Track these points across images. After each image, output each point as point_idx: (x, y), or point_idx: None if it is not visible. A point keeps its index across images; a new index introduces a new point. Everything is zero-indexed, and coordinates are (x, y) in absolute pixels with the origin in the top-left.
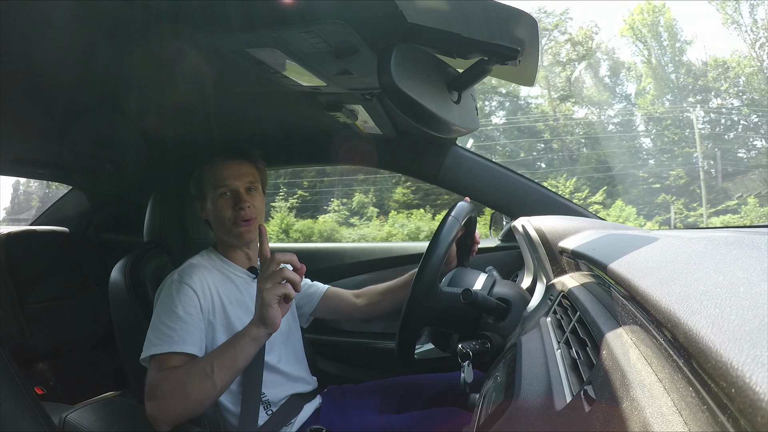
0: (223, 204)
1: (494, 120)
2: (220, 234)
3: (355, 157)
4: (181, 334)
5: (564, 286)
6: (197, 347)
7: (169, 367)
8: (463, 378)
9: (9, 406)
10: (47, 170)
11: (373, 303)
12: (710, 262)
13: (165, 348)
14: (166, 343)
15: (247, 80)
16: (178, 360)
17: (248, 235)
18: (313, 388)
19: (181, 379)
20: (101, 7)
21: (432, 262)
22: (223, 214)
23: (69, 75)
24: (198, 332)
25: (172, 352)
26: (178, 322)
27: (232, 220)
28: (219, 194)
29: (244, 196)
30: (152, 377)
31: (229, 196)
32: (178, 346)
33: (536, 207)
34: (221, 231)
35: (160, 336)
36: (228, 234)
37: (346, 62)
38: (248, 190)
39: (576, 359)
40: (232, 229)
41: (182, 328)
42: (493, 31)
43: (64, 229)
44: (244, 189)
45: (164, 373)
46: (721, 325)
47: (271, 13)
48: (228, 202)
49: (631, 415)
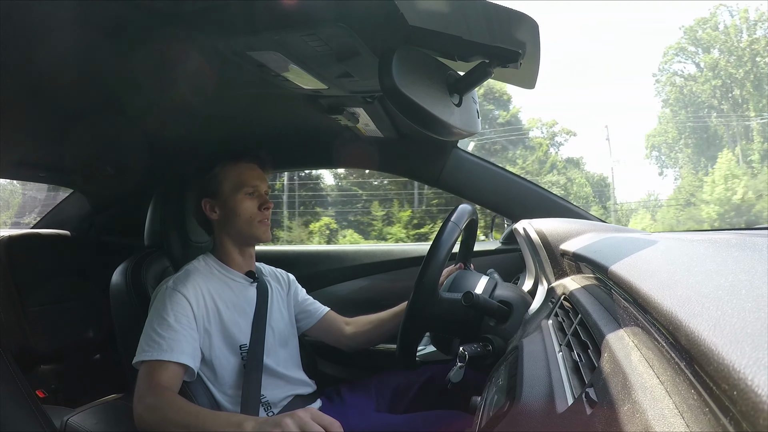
0: (249, 203)
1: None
2: (239, 232)
3: (357, 160)
4: (171, 343)
5: (565, 288)
6: (187, 356)
7: (159, 381)
8: (449, 377)
9: (10, 410)
10: (49, 173)
11: (361, 332)
12: (712, 264)
13: (154, 356)
14: (156, 351)
15: (248, 83)
16: (167, 369)
17: (266, 235)
18: (312, 390)
19: (165, 414)
20: (102, 9)
21: (432, 268)
22: (249, 212)
23: (70, 77)
24: (189, 341)
25: (161, 360)
26: (168, 330)
27: (257, 218)
28: (245, 194)
29: (267, 198)
30: (141, 385)
31: (255, 196)
32: (167, 354)
33: (537, 209)
34: (244, 228)
35: (150, 343)
36: (251, 231)
37: (347, 65)
38: (267, 195)
39: (577, 362)
40: (257, 227)
41: (172, 336)
42: (494, 34)
43: (65, 232)
44: (265, 192)
45: (155, 389)
46: (723, 328)
47: (272, 16)
48: (254, 201)
49: (632, 418)
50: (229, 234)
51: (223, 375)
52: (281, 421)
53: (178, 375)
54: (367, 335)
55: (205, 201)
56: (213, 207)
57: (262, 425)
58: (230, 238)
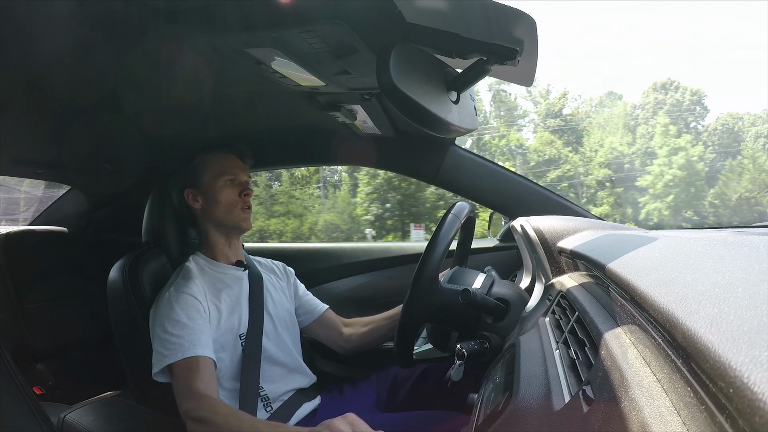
0: (230, 190)
1: None
2: (221, 220)
3: (354, 157)
4: (191, 339)
5: (563, 286)
6: (209, 349)
7: (196, 386)
8: (449, 375)
9: (7, 406)
10: (46, 170)
11: (357, 334)
12: (709, 262)
13: (178, 356)
14: (178, 351)
15: (245, 80)
16: (198, 367)
17: (246, 223)
18: (312, 382)
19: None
20: (100, 7)
21: (433, 258)
22: (230, 200)
23: (67, 75)
24: (206, 335)
25: (188, 358)
26: (184, 329)
27: (238, 205)
28: (225, 181)
29: (247, 185)
30: (180, 394)
31: (235, 184)
32: (191, 351)
33: (535, 207)
34: (225, 215)
35: (167, 346)
36: (232, 219)
37: (345, 62)
38: (247, 184)
39: (574, 359)
40: (239, 214)
41: (190, 333)
42: (492, 31)
43: (62, 229)
44: (245, 181)
45: (195, 398)
46: (720, 325)
47: (269, 13)
48: (234, 189)
49: (629, 415)
50: (213, 223)
51: (222, 367)
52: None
53: (211, 371)
54: (363, 337)
55: (187, 191)
56: (196, 196)
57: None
58: (215, 228)
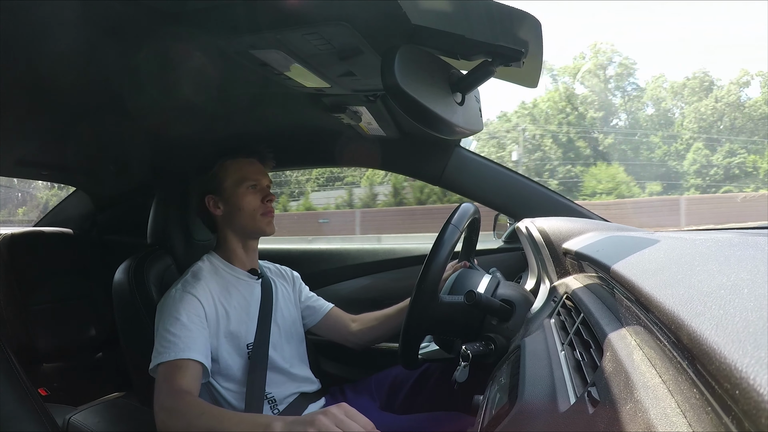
0: (252, 197)
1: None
2: (244, 226)
3: (359, 158)
4: (186, 341)
5: (568, 287)
6: (202, 354)
7: (179, 384)
8: (454, 377)
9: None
10: (51, 172)
11: (367, 329)
12: (714, 263)
13: (171, 355)
14: (172, 351)
15: (250, 82)
16: (186, 369)
17: (270, 228)
18: (317, 388)
19: (189, 420)
20: (105, 8)
21: (432, 271)
22: (252, 205)
23: (73, 76)
24: (202, 340)
25: (178, 360)
26: (182, 329)
27: (260, 211)
28: (248, 187)
29: (269, 191)
30: (161, 389)
31: (257, 189)
32: (183, 353)
33: (540, 208)
34: (248, 222)
35: (164, 344)
36: (255, 225)
37: (349, 64)
38: (269, 188)
39: (580, 361)
40: (261, 219)
41: (186, 335)
42: (496, 33)
43: (68, 231)
44: (267, 185)
45: (175, 393)
46: (725, 327)
47: (274, 15)
48: (257, 195)
49: (635, 417)
50: (234, 229)
51: (228, 372)
52: (315, 418)
53: (197, 375)
54: (373, 331)
55: (208, 198)
56: (217, 203)
57: (292, 425)
58: (234, 234)
